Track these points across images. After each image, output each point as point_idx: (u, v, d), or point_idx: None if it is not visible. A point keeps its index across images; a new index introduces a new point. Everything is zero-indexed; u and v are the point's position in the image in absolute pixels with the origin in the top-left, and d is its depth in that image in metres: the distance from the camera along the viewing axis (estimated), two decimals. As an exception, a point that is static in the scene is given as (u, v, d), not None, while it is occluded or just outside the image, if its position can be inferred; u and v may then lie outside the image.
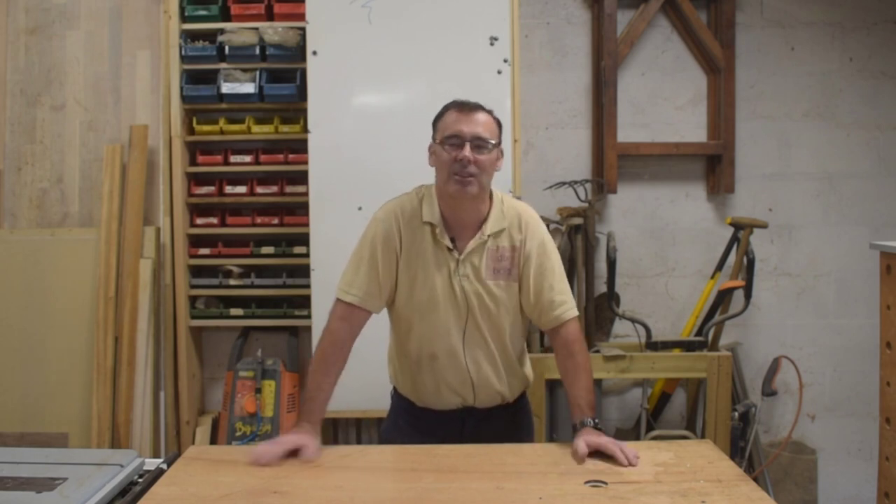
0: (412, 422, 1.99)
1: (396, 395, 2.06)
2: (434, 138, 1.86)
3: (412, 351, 1.92)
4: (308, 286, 2.99)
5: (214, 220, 3.25)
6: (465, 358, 1.88)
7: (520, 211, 1.92)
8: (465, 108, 1.82)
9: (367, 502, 1.51)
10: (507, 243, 1.87)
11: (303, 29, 3.00)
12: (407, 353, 1.94)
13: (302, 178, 3.04)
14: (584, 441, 1.71)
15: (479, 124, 1.80)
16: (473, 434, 1.93)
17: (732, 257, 3.27)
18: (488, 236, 1.85)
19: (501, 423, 1.98)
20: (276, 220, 3.24)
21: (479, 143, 1.78)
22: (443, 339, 1.87)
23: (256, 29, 3.13)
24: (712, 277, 3.33)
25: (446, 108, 1.86)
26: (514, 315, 1.92)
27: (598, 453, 1.70)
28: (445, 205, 1.85)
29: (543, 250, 1.90)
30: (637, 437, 3.16)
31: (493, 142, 1.81)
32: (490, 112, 1.86)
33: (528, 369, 2.07)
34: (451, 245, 1.84)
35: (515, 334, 1.95)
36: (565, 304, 1.90)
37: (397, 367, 2.01)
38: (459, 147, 1.78)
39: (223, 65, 3.17)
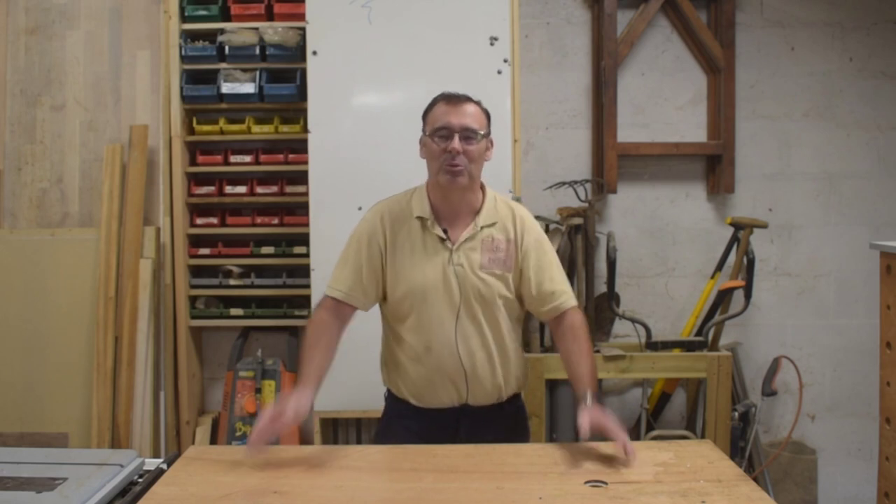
0: (406, 424, 1.98)
1: (390, 398, 2.06)
2: (424, 130, 1.90)
3: (406, 344, 1.93)
4: (308, 286, 3.00)
5: (214, 220, 3.25)
6: (458, 347, 1.88)
7: (513, 208, 1.97)
8: (454, 100, 1.86)
9: (367, 502, 1.51)
10: (501, 235, 1.91)
11: (303, 29, 3.00)
12: (401, 347, 1.95)
13: (302, 178, 3.04)
14: (588, 417, 1.70)
15: (467, 115, 1.84)
16: (468, 434, 1.93)
17: (732, 257, 3.27)
18: (481, 227, 1.89)
19: (496, 425, 1.97)
20: (276, 220, 3.24)
21: (467, 135, 1.83)
22: (436, 328, 1.88)
23: (256, 29, 3.13)
24: (712, 277, 3.33)
25: (435, 101, 1.89)
26: (509, 306, 1.93)
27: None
28: (436, 196, 1.90)
29: (540, 246, 1.95)
30: (637, 437, 3.16)
31: (482, 132, 1.85)
32: (478, 103, 1.90)
33: (524, 368, 2.07)
34: (443, 235, 1.88)
35: (510, 325, 1.95)
36: (566, 294, 1.95)
37: (391, 366, 2.01)
38: (449, 139, 1.82)
39: (223, 65, 3.17)
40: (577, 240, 3.19)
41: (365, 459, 1.75)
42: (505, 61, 2.86)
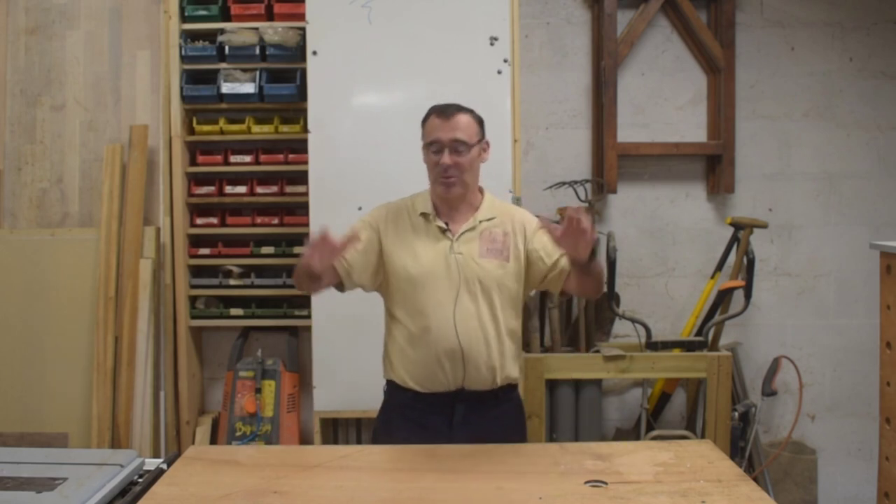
0: (404, 412, 2.03)
1: (389, 389, 2.10)
2: (423, 139, 2.01)
3: (407, 327, 1.99)
4: (308, 286, 2.99)
5: (214, 220, 3.25)
6: (456, 327, 1.94)
7: (510, 208, 2.13)
8: (444, 113, 1.97)
9: (367, 502, 1.52)
10: (499, 229, 2.03)
11: (303, 29, 3.00)
12: (402, 331, 2.01)
13: (302, 178, 3.04)
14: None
15: (456, 129, 1.95)
16: (463, 423, 1.97)
17: (732, 257, 3.27)
18: (480, 221, 2.02)
19: (492, 413, 2.01)
20: (276, 220, 3.23)
21: (457, 147, 1.94)
22: (436, 310, 1.96)
23: (256, 29, 3.13)
24: (712, 277, 3.33)
25: (429, 113, 2.01)
26: (507, 293, 2.00)
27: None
28: (438, 198, 2.03)
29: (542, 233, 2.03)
30: (637, 437, 3.16)
31: (473, 142, 1.97)
32: (470, 111, 2.00)
33: (519, 360, 2.10)
34: (444, 227, 2.00)
35: (507, 312, 2.01)
36: None
37: (392, 353, 2.05)
38: (440, 152, 1.94)
39: (223, 65, 3.17)
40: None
41: (365, 459, 1.75)
42: (505, 61, 2.86)
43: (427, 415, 1.99)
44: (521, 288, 2.04)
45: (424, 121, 2.01)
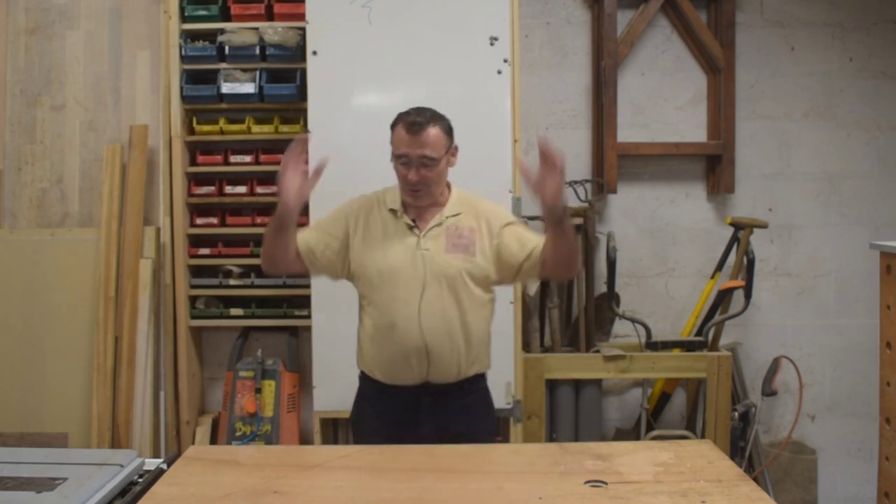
0: (373, 405, 2.10)
1: (362, 378, 2.15)
2: (391, 143, 2.02)
3: (375, 321, 2.04)
4: (308, 286, 2.99)
5: (214, 220, 3.25)
6: (421, 323, 1.98)
7: (477, 202, 2.12)
8: (412, 128, 1.97)
9: (367, 502, 1.51)
10: (465, 223, 2.06)
11: (303, 29, 3.00)
12: (370, 325, 2.05)
13: (302, 178, 3.03)
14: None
15: (425, 145, 1.97)
16: (429, 415, 2.02)
17: (732, 257, 3.27)
18: (447, 217, 2.06)
19: (458, 405, 2.05)
20: (276, 220, 3.23)
21: (425, 162, 1.97)
22: (402, 306, 2.00)
23: (256, 29, 3.13)
24: (712, 277, 3.33)
25: (398, 121, 2.02)
26: (473, 287, 2.03)
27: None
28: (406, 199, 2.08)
29: (515, 225, 2.11)
30: (637, 437, 3.17)
31: (440, 157, 1.99)
32: (439, 122, 2.00)
33: (487, 349, 2.13)
34: (412, 223, 2.05)
35: (474, 306, 2.04)
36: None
37: (362, 345, 2.10)
38: (408, 166, 1.98)
39: (223, 65, 3.17)
40: (577, 240, 3.19)
41: (365, 459, 1.75)
42: (505, 61, 2.85)
43: (394, 406, 2.05)
44: (490, 281, 2.07)
45: (393, 127, 2.03)
